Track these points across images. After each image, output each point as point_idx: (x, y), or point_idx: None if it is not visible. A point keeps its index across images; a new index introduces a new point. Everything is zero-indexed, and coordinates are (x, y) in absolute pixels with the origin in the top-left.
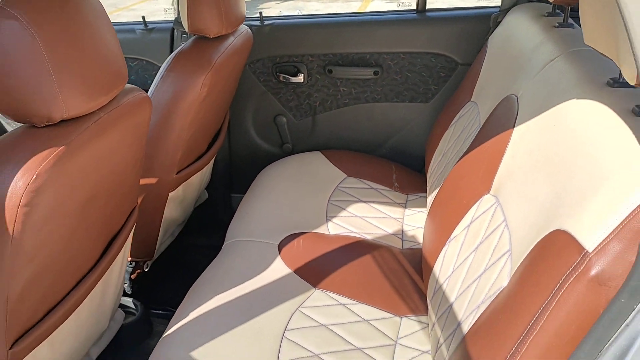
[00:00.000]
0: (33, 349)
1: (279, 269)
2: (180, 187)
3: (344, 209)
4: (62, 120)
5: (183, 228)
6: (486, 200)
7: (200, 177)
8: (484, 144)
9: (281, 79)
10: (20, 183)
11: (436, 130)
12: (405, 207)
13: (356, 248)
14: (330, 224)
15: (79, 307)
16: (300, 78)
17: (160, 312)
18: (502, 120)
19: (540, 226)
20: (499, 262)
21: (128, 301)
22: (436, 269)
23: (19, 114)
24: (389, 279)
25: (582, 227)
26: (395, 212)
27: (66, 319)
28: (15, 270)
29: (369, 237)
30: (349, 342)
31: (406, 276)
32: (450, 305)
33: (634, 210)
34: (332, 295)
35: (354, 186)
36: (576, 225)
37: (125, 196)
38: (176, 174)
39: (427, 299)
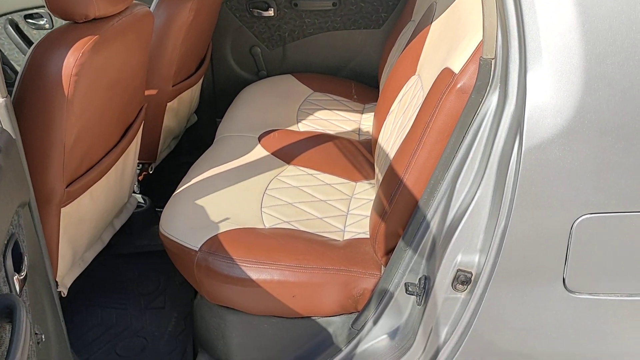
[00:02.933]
0: (80, 195)
1: (259, 152)
2: (175, 100)
3: (312, 114)
4: (94, 19)
5: (177, 148)
6: (412, 79)
7: (191, 95)
8: (412, 41)
9: (254, 13)
10: (71, 59)
11: (386, 49)
12: (362, 113)
13: (321, 138)
14: (300, 124)
15: (108, 172)
16: (270, 12)
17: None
18: (425, 22)
19: (437, 74)
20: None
21: (138, 197)
22: (380, 138)
23: (66, 13)
24: (347, 157)
25: (454, 61)
26: (354, 116)
27: (100, 178)
28: (69, 123)
29: (332, 132)
30: (315, 196)
31: (360, 154)
32: (387, 157)
33: (479, 43)
34: (302, 168)
35: (320, 99)
36: (451, 60)
37: (136, 91)
38: (172, 86)
39: (375, 164)
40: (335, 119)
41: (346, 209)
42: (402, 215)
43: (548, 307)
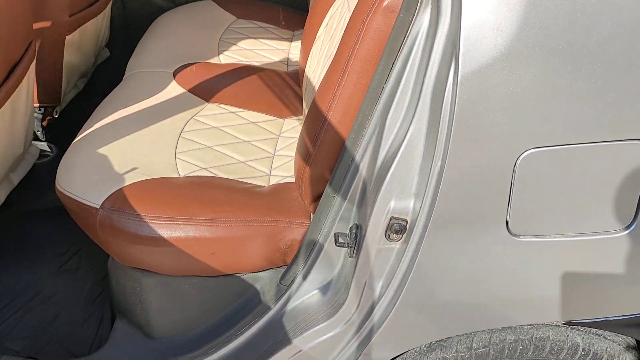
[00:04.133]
0: None
1: (174, 90)
2: (76, 32)
3: (235, 44)
4: None
5: (88, 88)
6: (339, 2)
7: (96, 26)
8: None
9: None
10: None
11: None
12: (291, 41)
13: (245, 70)
14: (221, 56)
15: None
16: None
17: None
18: None
19: None
20: None
21: (43, 145)
22: (307, 69)
23: None
24: (274, 91)
25: None
26: (282, 45)
27: None
28: None
29: (257, 64)
30: (238, 137)
31: (288, 87)
32: (313, 90)
33: None
34: (223, 106)
35: (244, 26)
36: None
37: (18, 22)
38: (69, 16)
39: (303, 98)
40: (261, 49)
41: (272, 149)
42: (328, 157)
43: (491, 253)
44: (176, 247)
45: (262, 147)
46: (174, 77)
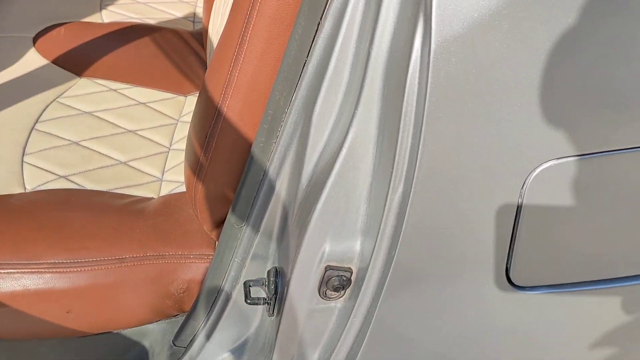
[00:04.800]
0: None
1: (32, 61)
2: None
3: None
4: None
5: None
6: None
7: None
8: None
9: None
10: None
11: None
12: None
13: (133, 32)
14: (104, 12)
15: None
16: None
17: None
18: None
19: None
20: None
21: None
22: (210, 29)
23: None
24: (172, 59)
25: None
26: None
27: None
28: None
29: (152, 22)
30: (118, 125)
31: (192, 54)
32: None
33: None
34: (101, 81)
35: None
36: None
37: None
38: None
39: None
40: (160, 1)
41: (168, 141)
42: (228, 170)
43: (484, 314)
44: (11, 308)
45: (153, 139)
46: (34, 44)
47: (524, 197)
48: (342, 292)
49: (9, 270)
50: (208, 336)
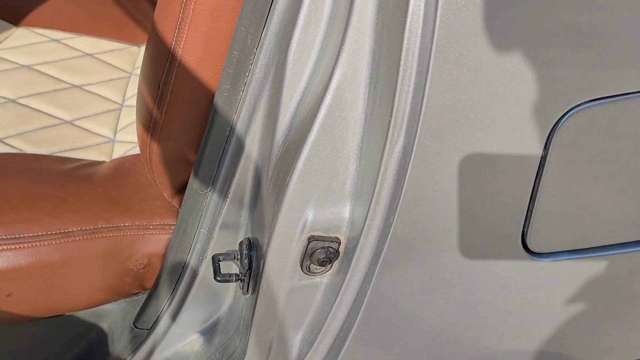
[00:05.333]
0: None
1: None
2: None
3: None
4: None
5: None
6: None
7: None
8: None
9: None
10: None
11: None
12: None
13: None
14: None
15: None
16: None
17: None
18: None
19: None
20: None
21: None
22: None
23: None
24: (122, 4)
25: None
26: None
27: None
28: None
29: None
30: (62, 80)
31: None
32: None
33: None
34: (41, 31)
35: None
36: None
37: None
38: None
39: None
40: None
41: (120, 97)
42: (187, 126)
43: (498, 287)
44: None
45: (102, 95)
46: None
47: (549, 148)
48: (329, 265)
49: None
50: (174, 317)
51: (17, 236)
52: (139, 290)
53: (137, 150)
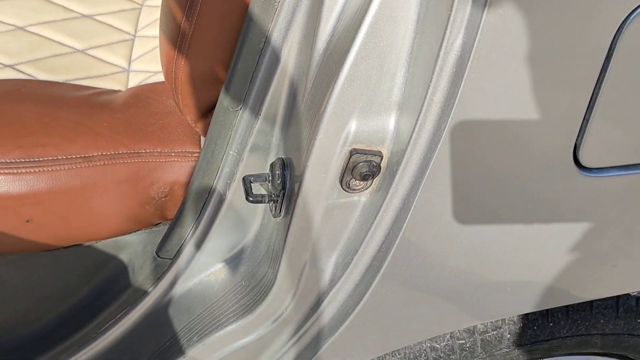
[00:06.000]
0: None
1: None
2: None
3: None
4: None
5: None
6: None
7: None
8: None
9: None
10: None
11: None
12: None
13: None
14: None
15: None
16: None
17: None
18: None
19: None
20: None
21: None
22: None
23: None
24: None
25: None
26: None
27: None
28: None
29: None
30: (70, 9)
31: None
32: None
33: None
34: None
35: None
36: None
37: None
38: None
39: None
40: None
41: (132, 28)
42: (218, 38)
43: (547, 203)
44: None
45: (114, 25)
46: None
47: (613, 52)
48: (369, 182)
49: None
50: (198, 245)
51: (37, 159)
52: (160, 220)
53: (153, 79)
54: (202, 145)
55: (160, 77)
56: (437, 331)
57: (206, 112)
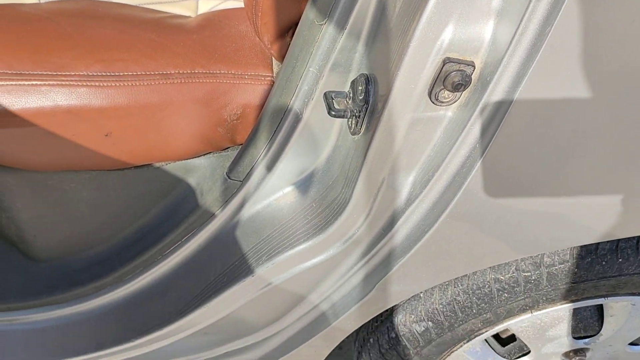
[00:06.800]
0: None
1: None
2: None
3: None
4: None
5: None
6: None
7: None
8: None
9: None
10: None
11: None
12: None
13: None
14: None
15: None
16: None
17: None
18: None
19: None
20: None
21: None
22: None
23: None
24: None
25: None
26: None
27: None
28: None
29: None
30: None
31: None
32: None
33: None
34: None
35: None
36: None
37: None
38: None
39: None
40: None
41: None
42: None
43: None
44: (37, 127)
45: None
46: None
47: None
48: (459, 94)
49: (34, 82)
50: (269, 167)
51: (117, 74)
52: (229, 144)
53: (222, 7)
54: (274, 70)
55: (228, 6)
56: (515, 255)
57: (284, 32)
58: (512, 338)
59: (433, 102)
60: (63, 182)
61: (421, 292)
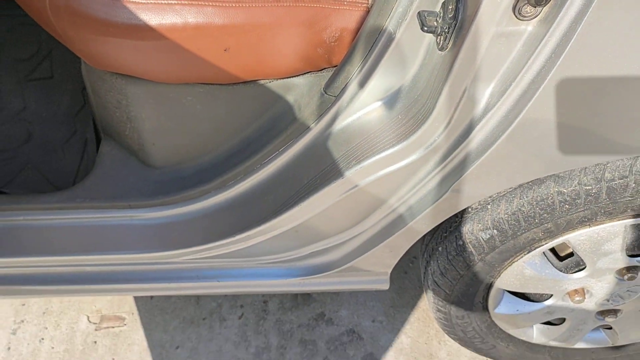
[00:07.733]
0: None
1: None
2: None
3: None
4: None
5: None
6: None
7: None
8: None
9: None
10: None
11: None
12: None
13: None
14: None
15: None
16: None
17: None
18: None
19: None
20: None
21: None
22: None
23: None
24: None
25: None
26: None
27: None
28: None
29: None
30: None
31: None
32: None
33: None
34: None
35: None
36: None
37: None
38: None
39: None
40: None
41: None
42: None
43: None
44: (169, 41)
45: None
46: None
47: None
48: (540, 8)
49: (170, 1)
50: (362, 84)
51: None
52: (326, 65)
53: None
54: None
55: None
56: (578, 163)
57: None
58: (569, 256)
59: (516, 17)
60: (181, 95)
61: (489, 204)
